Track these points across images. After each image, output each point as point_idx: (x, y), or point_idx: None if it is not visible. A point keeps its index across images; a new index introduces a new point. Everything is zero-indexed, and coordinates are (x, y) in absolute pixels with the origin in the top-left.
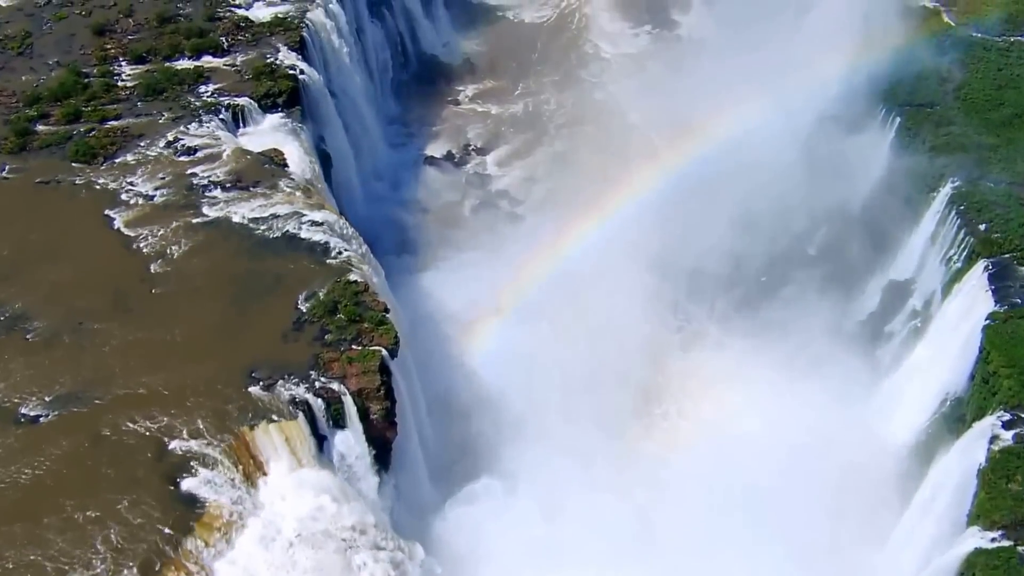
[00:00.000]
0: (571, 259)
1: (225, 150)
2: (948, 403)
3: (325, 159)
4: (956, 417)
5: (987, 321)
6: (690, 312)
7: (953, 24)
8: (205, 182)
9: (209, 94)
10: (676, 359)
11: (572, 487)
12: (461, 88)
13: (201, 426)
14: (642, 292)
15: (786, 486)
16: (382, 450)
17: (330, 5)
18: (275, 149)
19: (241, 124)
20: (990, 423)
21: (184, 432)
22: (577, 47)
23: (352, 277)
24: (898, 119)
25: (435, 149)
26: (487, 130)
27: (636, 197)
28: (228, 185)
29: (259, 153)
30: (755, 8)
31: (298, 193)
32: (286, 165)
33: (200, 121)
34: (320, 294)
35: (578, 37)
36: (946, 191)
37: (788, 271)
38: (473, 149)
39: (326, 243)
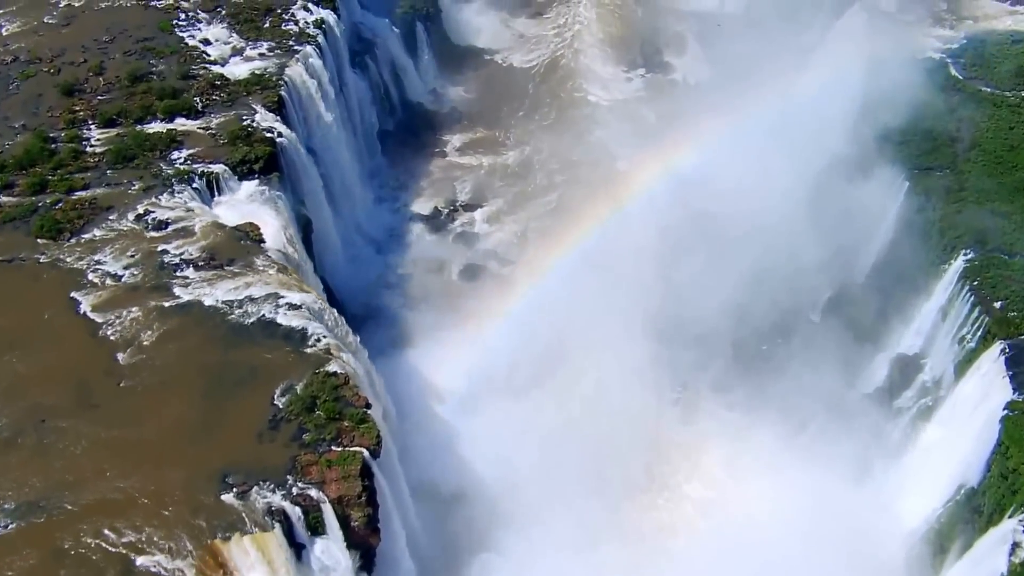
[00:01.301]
0: (564, 325)
1: (198, 224)
2: (963, 492)
3: (306, 223)
4: (972, 508)
5: (1005, 411)
6: (688, 382)
7: (961, 78)
8: (177, 260)
9: (182, 161)
10: (676, 432)
11: (576, 569)
12: (448, 138)
13: (171, 539)
14: (638, 360)
15: (793, 571)
16: (365, 557)
17: (310, 60)
18: (251, 223)
19: (216, 193)
20: (1011, 528)
21: (153, 546)
22: (569, 93)
23: (331, 368)
24: (907, 183)
25: (421, 205)
26: (475, 184)
27: (631, 257)
28: (201, 263)
29: (234, 227)
30: (753, 52)
31: (275, 272)
32: (262, 240)
33: (172, 191)
34: (297, 388)
35: (570, 82)
36: (958, 264)
37: (790, 339)
38: (461, 205)
39: (304, 329)
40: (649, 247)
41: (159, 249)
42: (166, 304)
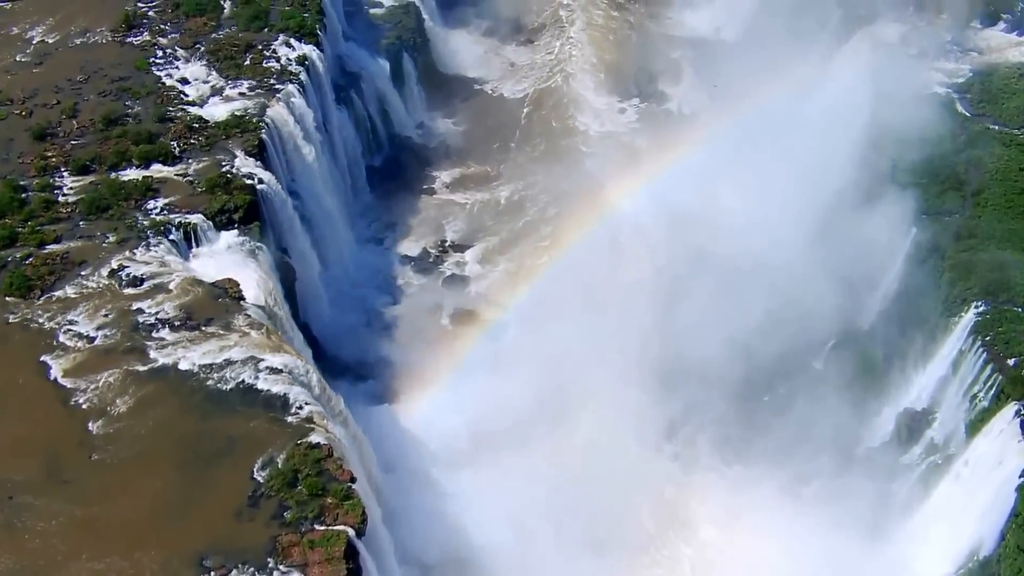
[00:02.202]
0: (558, 373)
1: (175, 279)
2: (976, 560)
3: (289, 272)
4: None
5: (1022, 479)
6: (687, 434)
7: (968, 115)
8: (152, 320)
9: (158, 211)
10: (676, 487)
11: None
12: (437, 173)
13: None
14: (637, 410)
15: None
16: None
17: (292, 99)
18: (229, 279)
19: (194, 244)
20: None
21: None
22: (561, 124)
23: (314, 439)
24: (913, 229)
25: (410, 246)
26: (466, 222)
27: (629, 299)
28: (177, 323)
29: (212, 284)
30: (750, 83)
31: (254, 332)
32: (242, 297)
33: (148, 244)
34: (278, 461)
35: (562, 113)
36: (969, 317)
37: (793, 388)
38: (451, 245)
39: (285, 395)
40: (647, 288)
41: (134, 308)
42: (141, 369)
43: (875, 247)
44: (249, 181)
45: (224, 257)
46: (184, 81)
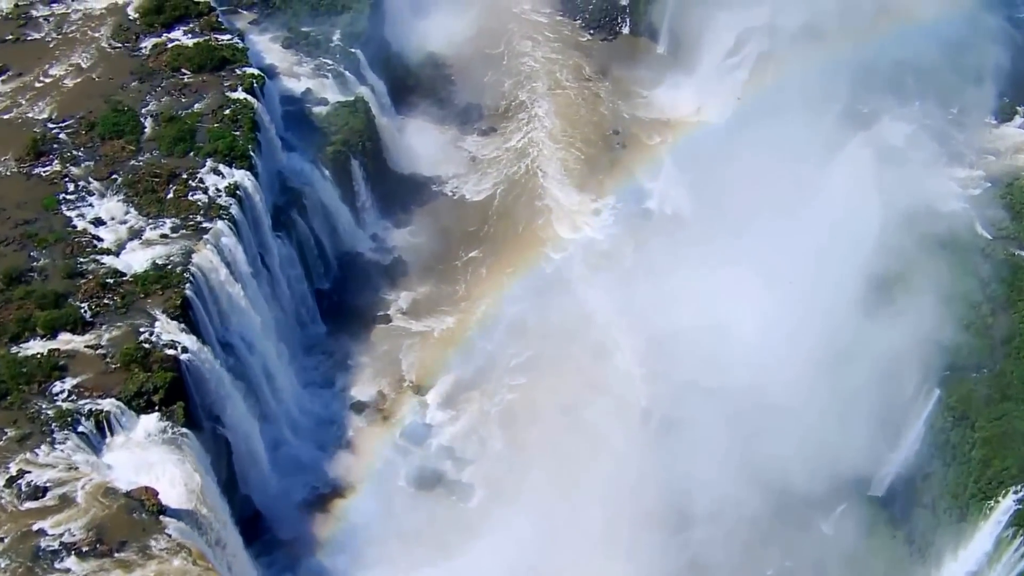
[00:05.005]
0: (536, 546)
1: (83, 489)
2: None
3: (223, 446)
4: None
5: None
6: None
7: (989, 237)
8: (56, 545)
9: (65, 395)
10: None
11: None
12: (393, 297)
13: None
14: None
15: None
16: None
17: (222, 239)
18: (146, 488)
19: (108, 434)
20: None
21: None
22: (530, 230)
23: None
24: (936, 390)
25: (362, 389)
26: (425, 355)
27: (613, 448)
28: (86, 549)
29: (126, 494)
30: (739, 183)
31: (176, 559)
32: (161, 511)
33: (52, 441)
34: None
35: (531, 216)
36: (1007, 504)
37: (801, 560)
38: (409, 386)
39: None
40: (630, 435)
41: (35, 528)
42: None
43: (891, 401)
44: (171, 352)
45: (143, 451)
46: (98, 222)
